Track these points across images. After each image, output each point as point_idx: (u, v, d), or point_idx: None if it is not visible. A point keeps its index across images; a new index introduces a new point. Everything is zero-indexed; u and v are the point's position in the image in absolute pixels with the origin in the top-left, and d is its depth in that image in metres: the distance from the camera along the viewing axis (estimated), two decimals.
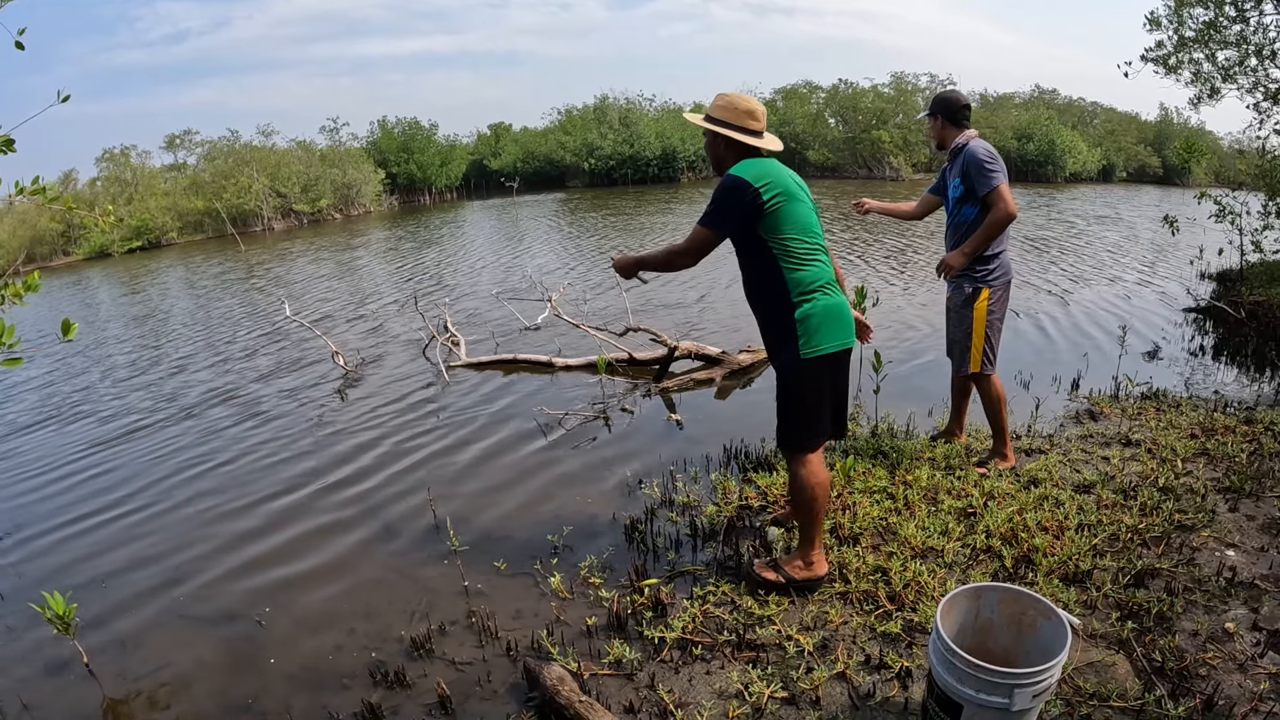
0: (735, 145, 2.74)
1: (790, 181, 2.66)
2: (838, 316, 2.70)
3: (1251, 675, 2.32)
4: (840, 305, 2.72)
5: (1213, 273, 9.13)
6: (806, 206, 2.71)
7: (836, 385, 2.80)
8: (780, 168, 2.68)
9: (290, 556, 3.69)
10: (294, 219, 28.15)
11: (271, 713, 2.59)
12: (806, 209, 2.70)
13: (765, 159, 2.70)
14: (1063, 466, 3.87)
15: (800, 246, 2.65)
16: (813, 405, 2.74)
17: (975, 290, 3.59)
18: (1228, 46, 8.12)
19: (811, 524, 2.82)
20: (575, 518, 3.78)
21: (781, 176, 2.64)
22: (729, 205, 2.61)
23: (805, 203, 2.70)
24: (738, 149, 2.74)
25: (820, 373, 2.72)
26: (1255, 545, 3.07)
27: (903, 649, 2.54)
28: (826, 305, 2.66)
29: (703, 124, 2.78)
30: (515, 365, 6.68)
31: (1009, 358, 5.83)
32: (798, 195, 2.66)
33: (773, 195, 2.58)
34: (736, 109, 2.72)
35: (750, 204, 2.57)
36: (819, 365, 2.69)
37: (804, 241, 2.66)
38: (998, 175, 3.39)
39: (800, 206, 2.66)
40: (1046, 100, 37.37)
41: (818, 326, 2.65)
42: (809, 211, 2.71)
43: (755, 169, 2.61)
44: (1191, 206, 8.84)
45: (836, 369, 2.77)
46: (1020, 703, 1.83)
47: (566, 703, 2.32)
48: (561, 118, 40.06)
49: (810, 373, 2.70)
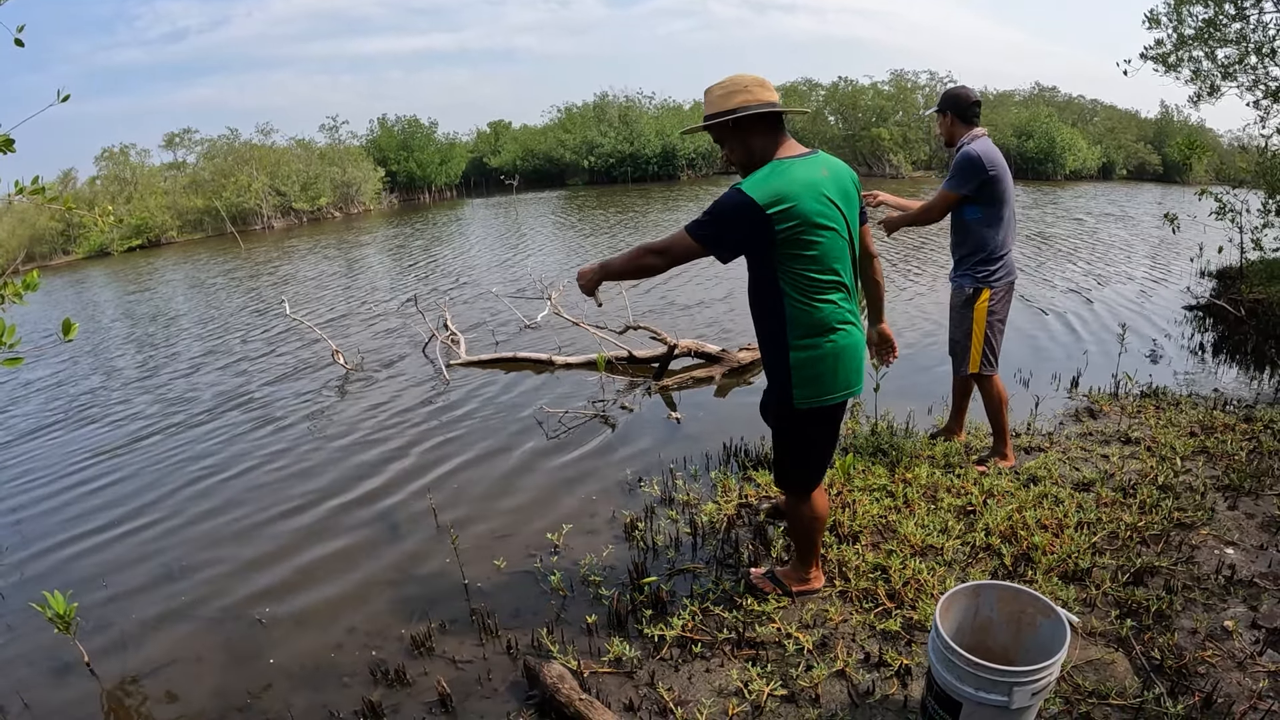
0: (760, 125, 2.25)
1: (815, 205, 2.17)
2: (845, 362, 2.34)
3: (1250, 673, 2.33)
4: (850, 348, 2.34)
5: (1212, 270, 9.13)
6: (836, 234, 2.24)
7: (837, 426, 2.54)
8: (809, 179, 2.19)
9: (289, 556, 3.69)
10: (293, 217, 28.12)
11: (272, 711, 2.60)
12: (835, 237, 2.24)
13: (795, 163, 2.20)
14: (1062, 464, 3.87)
15: (813, 283, 2.23)
16: (811, 453, 2.54)
17: (976, 291, 3.59)
18: (1227, 44, 8.12)
19: (809, 548, 2.78)
20: (575, 516, 3.79)
21: (805, 199, 2.15)
22: (728, 225, 2.18)
23: (835, 227, 2.23)
24: (764, 129, 2.26)
25: (818, 423, 2.45)
26: (1254, 543, 3.07)
27: (902, 647, 2.55)
28: (829, 352, 2.30)
29: (713, 123, 2.26)
30: (515, 363, 6.68)
31: (1009, 356, 5.83)
32: (825, 220, 2.20)
33: (789, 225, 2.14)
34: (743, 86, 2.24)
35: (755, 230, 2.15)
36: (815, 416, 2.41)
37: (818, 278, 2.23)
38: (956, 182, 3.46)
39: (827, 235, 2.21)
40: (1046, 98, 37.37)
41: (815, 377, 2.32)
42: (837, 240, 2.25)
43: (773, 184, 2.14)
44: (1191, 204, 8.85)
45: (838, 412, 2.47)
46: (1019, 701, 1.83)
47: (567, 701, 2.32)
48: (561, 115, 40.05)
49: (806, 423, 2.45)
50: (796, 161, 2.21)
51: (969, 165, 3.40)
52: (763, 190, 2.13)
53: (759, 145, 2.26)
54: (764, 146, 2.26)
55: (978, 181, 3.41)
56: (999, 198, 3.45)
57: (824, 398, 2.36)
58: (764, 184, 2.15)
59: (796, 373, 2.33)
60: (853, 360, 2.37)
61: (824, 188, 2.21)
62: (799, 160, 2.22)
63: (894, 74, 34.81)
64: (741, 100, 2.22)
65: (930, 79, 33.89)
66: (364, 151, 32.99)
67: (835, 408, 2.44)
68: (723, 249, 2.24)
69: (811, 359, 2.30)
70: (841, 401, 2.42)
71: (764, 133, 2.26)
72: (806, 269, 2.22)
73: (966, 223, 3.57)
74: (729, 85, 2.25)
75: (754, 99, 2.22)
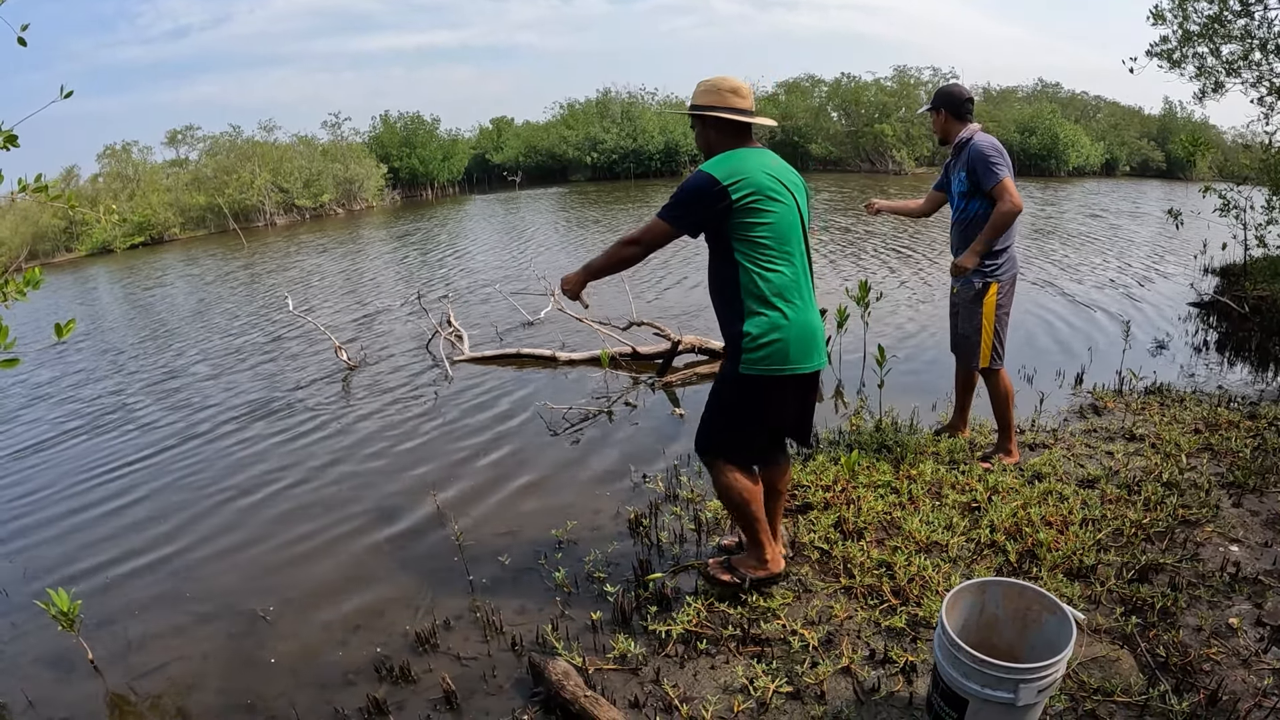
0: (725, 127, 2.54)
1: (767, 180, 2.45)
2: (795, 338, 2.49)
3: (1255, 670, 2.33)
4: (803, 325, 2.50)
5: (1216, 267, 9.11)
6: (787, 209, 2.49)
7: (783, 409, 2.63)
8: (760, 164, 2.48)
9: (293, 553, 3.70)
10: (296, 214, 28.10)
11: (277, 708, 2.60)
12: (786, 211, 2.49)
13: (748, 152, 2.50)
14: (1066, 461, 3.87)
15: (766, 251, 2.45)
16: (740, 422, 2.61)
17: (985, 285, 3.60)
18: (1232, 41, 8.09)
19: (748, 528, 2.75)
20: (579, 513, 3.79)
21: (756, 174, 2.43)
22: (692, 202, 2.44)
23: (786, 204, 2.49)
24: (728, 131, 2.55)
25: (758, 393, 2.55)
26: (1259, 541, 3.07)
27: (907, 644, 2.55)
28: (779, 322, 2.46)
29: (686, 112, 2.63)
30: (519, 360, 6.69)
31: (1012, 352, 5.82)
32: (776, 195, 2.46)
33: (744, 194, 2.40)
34: (719, 89, 2.53)
35: (716, 203, 2.40)
36: (757, 385, 2.53)
37: (772, 248, 2.46)
38: (1002, 169, 3.38)
39: (778, 208, 2.46)
40: (1050, 94, 37.20)
41: (765, 344, 2.46)
42: (788, 214, 2.50)
43: (729, 164, 2.43)
44: (1195, 200, 8.82)
45: (782, 392, 2.58)
46: (1025, 698, 1.83)
47: (572, 697, 2.32)
48: (564, 111, 39.97)
49: (746, 389, 2.55)
50: (750, 150, 2.52)
51: (998, 151, 3.40)
52: (720, 168, 2.43)
53: (717, 141, 2.57)
54: (722, 143, 2.56)
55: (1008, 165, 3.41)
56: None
57: (772, 368, 2.49)
58: (721, 164, 2.44)
59: (748, 338, 2.48)
60: (805, 336, 2.52)
61: (774, 171, 2.51)
62: (752, 150, 2.53)
63: (897, 70, 34.71)
64: (712, 101, 2.55)
65: (933, 75, 33.79)
66: (366, 148, 32.94)
67: (782, 381, 2.54)
68: (689, 223, 2.50)
69: (764, 328, 2.47)
70: (791, 378, 2.53)
71: (730, 135, 2.56)
72: (760, 237, 2.44)
73: (970, 220, 3.58)
74: (711, 85, 2.56)
75: (723, 104, 2.53)
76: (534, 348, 6.87)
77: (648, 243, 2.56)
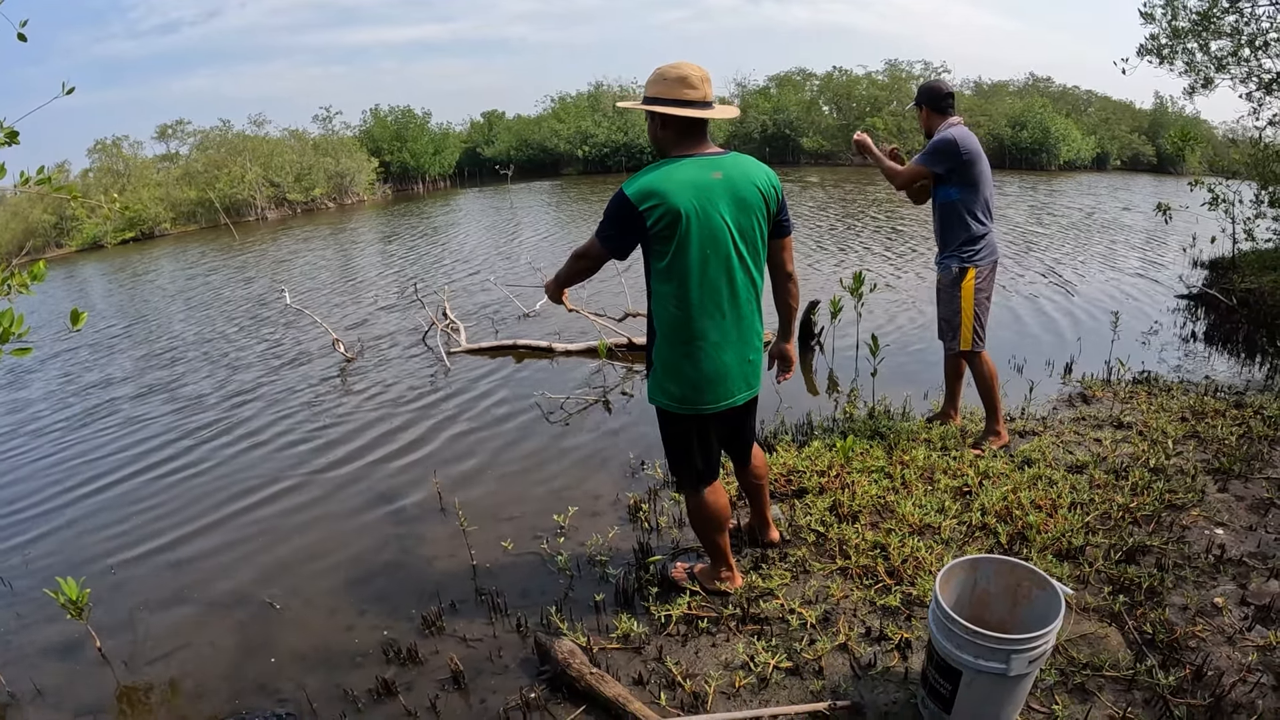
0: (674, 123, 2.24)
1: (691, 200, 2.15)
2: (705, 379, 2.33)
3: (1239, 647, 2.40)
4: (715, 366, 2.33)
5: (1205, 260, 9.22)
6: (712, 234, 2.19)
7: (707, 439, 2.51)
8: (692, 178, 2.18)
9: (299, 540, 3.74)
10: (287, 208, 27.98)
11: (286, 691, 2.65)
12: (709, 240, 2.19)
13: (682, 164, 2.20)
14: (1056, 447, 3.95)
15: (682, 287, 2.23)
16: (678, 449, 2.54)
17: (962, 270, 3.71)
18: (1221, 37, 8.19)
19: (711, 548, 2.78)
20: (579, 499, 3.84)
21: (679, 194, 2.14)
22: (612, 223, 2.24)
23: (712, 228, 2.19)
24: (678, 127, 2.25)
25: (674, 423, 2.48)
26: (1243, 524, 3.15)
27: (902, 621, 2.62)
28: (681, 364, 2.32)
29: (634, 107, 2.34)
30: (516, 351, 6.73)
31: (1003, 342, 5.91)
32: (700, 217, 2.17)
33: (658, 220, 2.14)
34: (665, 79, 2.23)
35: (631, 227, 2.20)
36: (669, 416, 2.47)
37: (687, 282, 2.22)
38: (927, 159, 3.64)
39: (700, 234, 2.18)
40: (1041, 88, 37.35)
41: (675, 380, 2.36)
42: (714, 240, 2.20)
43: (648, 182, 2.16)
44: (1185, 194, 8.92)
45: (703, 424, 2.46)
46: (1017, 668, 1.90)
47: (578, 675, 2.38)
48: (555, 105, 39.90)
49: (665, 419, 2.51)
50: (686, 161, 2.22)
51: (943, 147, 3.59)
52: (636, 186, 2.17)
53: (661, 136, 2.29)
54: (665, 139, 2.28)
55: (950, 164, 3.58)
56: (975, 181, 3.62)
57: (680, 404, 2.40)
58: (639, 180, 2.18)
59: (654, 372, 2.42)
60: (717, 379, 2.34)
61: (710, 191, 2.19)
62: (690, 160, 2.22)
63: (889, 64, 34.81)
64: (659, 93, 2.24)
65: (925, 69, 33.90)
66: (358, 142, 32.84)
67: (694, 417, 2.42)
68: (618, 247, 2.30)
69: (673, 362, 2.35)
70: (712, 415, 2.42)
71: (675, 130, 2.25)
72: (675, 268, 2.22)
73: (946, 206, 3.72)
74: (659, 74, 2.26)
75: (668, 95, 2.22)
76: (531, 339, 6.92)
77: (593, 257, 2.38)
